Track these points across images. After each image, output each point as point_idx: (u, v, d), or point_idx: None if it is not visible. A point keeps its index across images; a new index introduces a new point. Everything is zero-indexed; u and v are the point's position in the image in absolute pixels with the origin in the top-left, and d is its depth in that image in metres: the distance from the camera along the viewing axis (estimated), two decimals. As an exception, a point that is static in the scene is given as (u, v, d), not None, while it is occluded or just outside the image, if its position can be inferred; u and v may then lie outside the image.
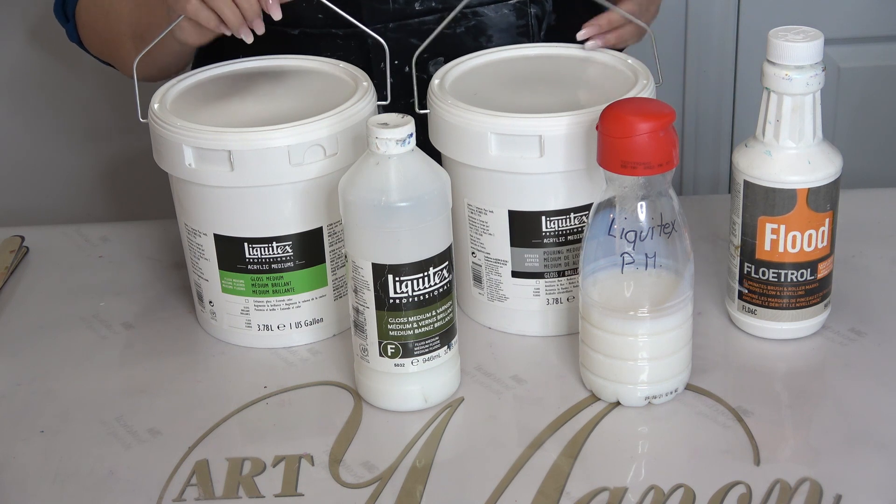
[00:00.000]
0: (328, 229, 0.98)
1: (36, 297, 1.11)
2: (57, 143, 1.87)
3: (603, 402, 0.93)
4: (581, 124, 0.93)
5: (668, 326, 0.90)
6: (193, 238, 0.99)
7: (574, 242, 0.97)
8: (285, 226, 0.97)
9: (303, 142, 0.94)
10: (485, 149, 0.94)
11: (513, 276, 0.99)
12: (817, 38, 0.91)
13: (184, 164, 0.96)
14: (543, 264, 0.98)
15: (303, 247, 0.97)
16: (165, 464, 0.89)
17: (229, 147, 0.93)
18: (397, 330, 0.89)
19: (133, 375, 0.99)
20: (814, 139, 0.94)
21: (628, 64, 1.02)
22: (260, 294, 0.99)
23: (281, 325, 1.00)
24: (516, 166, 0.94)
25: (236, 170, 0.94)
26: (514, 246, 0.97)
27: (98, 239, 1.19)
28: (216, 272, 0.99)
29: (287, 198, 0.96)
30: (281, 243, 0.97)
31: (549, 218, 0.96)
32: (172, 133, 0.96)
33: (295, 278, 0.98)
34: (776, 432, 0.90)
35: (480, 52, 1.06)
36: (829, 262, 0.97)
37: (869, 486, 0.84)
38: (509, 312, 1.01)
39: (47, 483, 0.88)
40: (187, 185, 0.97)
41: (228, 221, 0.97)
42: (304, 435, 0.91)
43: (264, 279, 0.98)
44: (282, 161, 0.94)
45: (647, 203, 0.87)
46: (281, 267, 0.98)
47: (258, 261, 0.97)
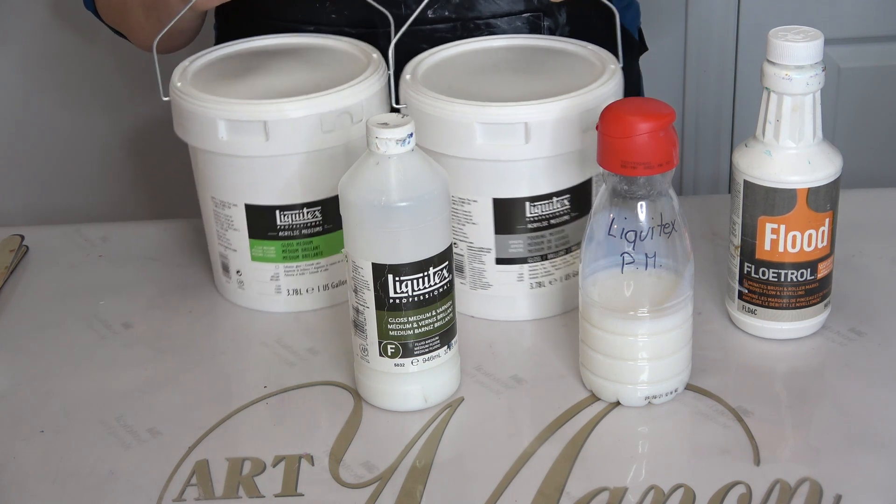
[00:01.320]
0: None
1: (36, 297, 1.11)
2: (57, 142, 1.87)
3: (603, 402, 0.93)
4: (565, 109, 0.95)
5: (668, 326, 0.90)
6: (221, 210, 1.03)
7: (556, 226, 0.99)
8: (314, 192, 1.01)
9: (333, 109, 0.98)
10: (470, 139, 0.95)
11: (497, 263, 1.00)
12: (817, 38, 0.91)
13: (216, 137, 0.99)
14: (528, 249, 0.99)
15: (331, 211, 1.01)
16: (165, 464, 0.89)
17: (265, 118, 0.97)
18: (397, 330, 0.89)
19: (133, 375, 0.99)
20: (814, 139, 0.94)
21: (591, 51, 1.05)
22: (290, 259, 1.03)
23: (310, 289, 1.04)
24: (501, 154, 0.96)
25: (271, 139, 0.97)
26: (498, 233, 0.99)
27: (98, 239, 1.19)
28: (246, 241, 1.03)
29: (317, 165, 1.00)
30: (311, 209, 1.01)
31: (533, 203, 0.97)
32: (204, 107, 0.99)
33: (323, 242, 1.03)
34: (776, 432, 0.90)
35: (446, 45, 1.07)
36: (829, 262, 0.97)
37: (869, 486, 0.84)
38: (493, 300, 1.02)
39: (47, 483, 0.88)
40: (217, 158, 1.01)
41: (260, 191, 1.01)
42: (304, 435, 0.91)
43: (294, 244, 1.02)
44: (315, 129, 0.98)
45: (647, 203, 0.87)
46: (311, 232, 1.02)
47: (289, 227, 1.01)
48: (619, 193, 0.87)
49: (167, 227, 1.21)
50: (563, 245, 1.00)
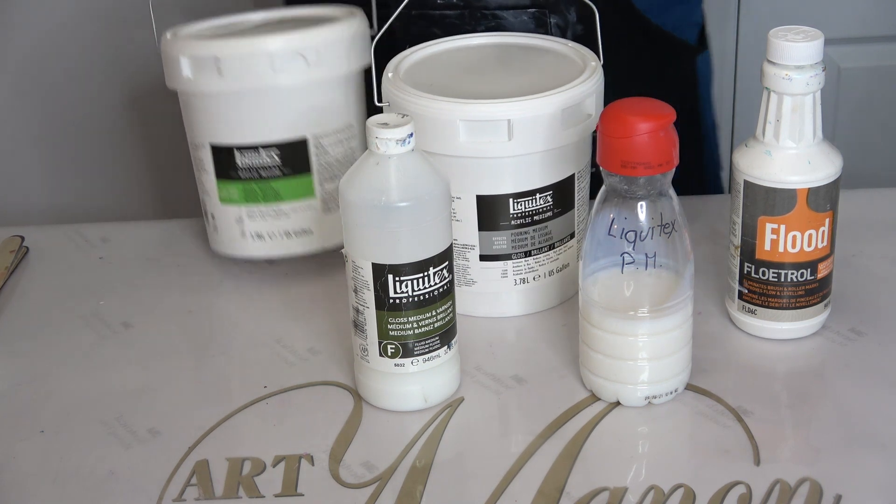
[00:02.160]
0: (313, 141, 1.05)
1: (36, 297, 1.11)
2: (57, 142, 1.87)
3: (603, 402, 0.93)
4: (546, 106, 0.96)
5: (668, 326, 0.90)
6: (195, 152, 1.09)
7: (540, 222, 0.99)
8: (270, 133, 1.05)
9: (285, 48, 1.02)
10: (453, 136, 0.96)
11: (481, 260, 1.01)
12: (817, 38, 0.91)
13: (182, 76, 1.05)
14: (511, 246, 1.00)
15: (289, 155, 1.05)
16: (165, 464, 0.89)
17: (216, 53, 1.02)
18: (397, 330, 0.89)
19: (133, 375, 0.99)
20: (814, 139, 0.94)
21: (571, 48, 1.06)
22: (251, 201, 1.07)
23: (271, 234, 1.08)
24: (485, 151, 0.96)
25: (224, 75, 1.03)
26: (482, 230, 0.99)
27: (98, 239, 1.19)
28: (214, 183, 1.08)
29: (271, 104, 1.04)
30: (267, 150, 1.05)
31: (516, 200, 0.98)
32: (172, 48, 1.05)
33: (283, 186, 1.06)
34: (776, 432, 0.90)
35: (428, 43, 1.09)
36: (829, 262, 0.97)
37: (869, 486, 0.84)
38: (477, 297, 1.02)
39: (47, 483, 0.88)
40: (187, 98, 1.07)
41: (221, 129, 1.06)
42: (304, 435, 0.91)
43: (254, 186, 1.06)
44: (265, 66, 1.02)
45: (647, 203, 0.87)
46: (270, 174, 1.06)
47: (249, 168, 1.06)
48: (619, 193, 0.87)
49: (167, 227, 1.21)
50: (547, 241, 1.01)
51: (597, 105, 1.00)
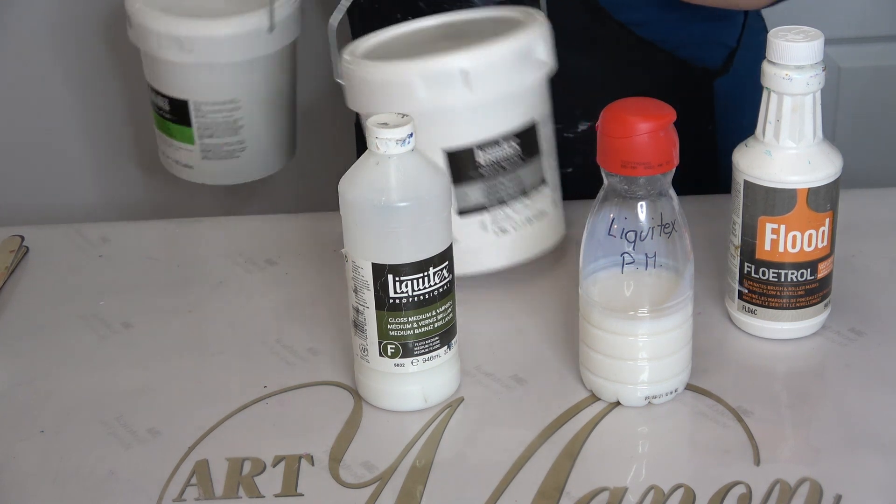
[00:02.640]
0: (193, 105, 1.23)
1: (36, 297, 1.11)
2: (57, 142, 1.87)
3: (603, 402, 0.93)
4: (498, 51, 0.99)
5: (668, 326, 0.90)
6: None
7: (510, 170, 1.02)
8: (168, 89, 1.24)
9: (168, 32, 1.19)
10: (411, 94, 0.98)
11: (459, 216, 1.02)
12: (817, 38, 0.91)
13: None
14: (486, 196, 1.02)
15: (174, 108, 1.25)
16: (165, 464, 0.89)
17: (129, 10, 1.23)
18: (397, 330, 0.89)
19: (133, 375, 0.99)
20: (814, 139, 0.94)
21: (520, 11, 1.08)
22: (166, 133, 1.28)
23: (178, 161, 1.28)
24: (444, 103, 0.99)
25: (133, 27, 1.23)
26: (455, 184, 1.01)
27: (98, 239, 1.19)
28: None
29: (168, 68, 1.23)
30: (162, 98, 1.26)
31: (482, 149, 1.01)
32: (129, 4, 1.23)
33: (174, 129, 1.26)
34: (776, 432, 0.90)
35: (383, 29, 1.10)
36: (829, 262, 0.97)
37: (869, 486, 0.84)
38: (460, 255, 1.02)
39: (47, 483, 0.88)
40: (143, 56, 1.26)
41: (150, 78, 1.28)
42: (304, 435, 0.91)
43: (164, 122, 1.28)
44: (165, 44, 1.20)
45: (647, 203, 0.87)
46: (165, 116, 1.26)
47: (159, 108, 1.27)
48: (619, 193, 0.87)
49: (167, 227, 1.21)
50: (519, 188, 1.03)
51: (547, 52, 1.02)
